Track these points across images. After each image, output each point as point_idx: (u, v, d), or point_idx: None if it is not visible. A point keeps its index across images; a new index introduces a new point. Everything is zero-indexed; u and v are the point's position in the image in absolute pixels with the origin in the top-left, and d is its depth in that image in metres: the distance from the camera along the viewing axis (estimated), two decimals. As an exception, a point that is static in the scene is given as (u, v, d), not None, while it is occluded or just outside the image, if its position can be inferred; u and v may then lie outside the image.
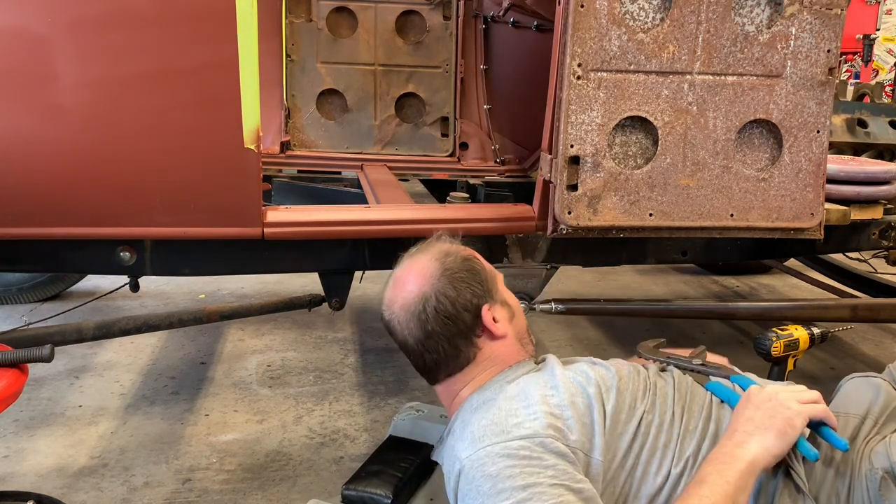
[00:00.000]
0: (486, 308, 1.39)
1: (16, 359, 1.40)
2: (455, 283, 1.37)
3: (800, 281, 3.36)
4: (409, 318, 1.37)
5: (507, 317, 1.44)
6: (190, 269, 1.95)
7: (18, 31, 1.58)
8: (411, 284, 1.38)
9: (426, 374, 1.45)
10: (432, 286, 1.37)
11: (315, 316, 3.15)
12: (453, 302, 1.36)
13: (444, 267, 1.39)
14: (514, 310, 1.47)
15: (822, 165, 1.81)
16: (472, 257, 1.45)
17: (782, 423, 1.20)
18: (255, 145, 1.70)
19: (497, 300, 1.43)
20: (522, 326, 1.49)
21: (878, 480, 1.22)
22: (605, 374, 1.35)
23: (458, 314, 1.36)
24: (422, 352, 1.39)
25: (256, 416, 2.38)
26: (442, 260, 1.40)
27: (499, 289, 1.46)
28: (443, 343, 1.37)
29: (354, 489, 1.52)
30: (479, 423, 1.24)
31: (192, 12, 1.62)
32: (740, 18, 1.72)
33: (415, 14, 3.31)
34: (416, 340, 1.38)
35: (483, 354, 1.39)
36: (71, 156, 1.65)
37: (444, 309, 1.36)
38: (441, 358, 1.39)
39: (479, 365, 1.40)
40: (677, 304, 2.54)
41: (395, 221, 1.95)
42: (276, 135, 3.23)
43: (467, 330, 1.37)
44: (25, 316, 3.13)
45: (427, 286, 1.37)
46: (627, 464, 1.25)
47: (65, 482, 1.99)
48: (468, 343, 1.38)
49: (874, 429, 1.32)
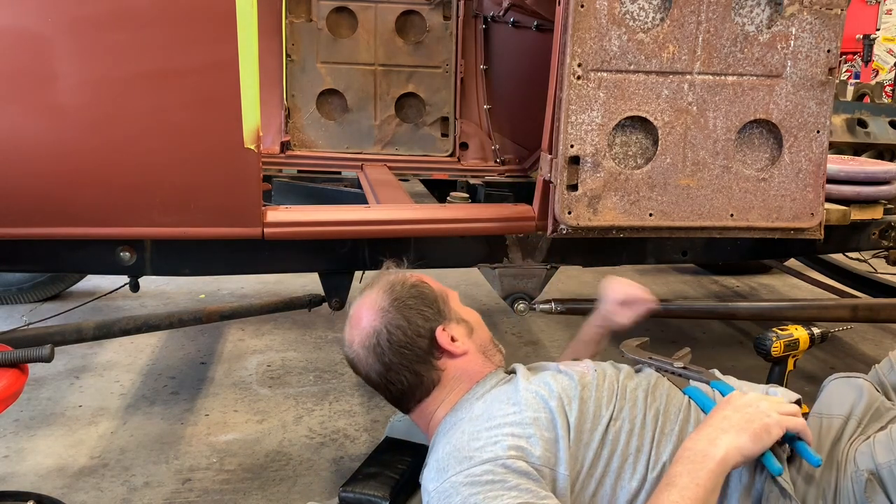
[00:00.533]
0: (439, 330, 1.42)
1: (16, 359, 1.40)
2: (404, 311, 1.41)
3: (800, 281, 3.36)
4: (367, 354, 1.42)
5: (466, 333, 1.46)
6: (190, 269, 1.95)
7: (18, 31, 1.58)
8: (364, 321, 1.43)
9: (397, 405, 1.49)
10: (383, 319, 1.41)
11: (315, 316, 3.15)
12: (405, 330, 1.40)
13: (391, 297, 1.43)
14: (472, 324, 1.49)
15: (822, 165, 1.81)
16: (419, 283, 1.48)
17: (759, 427, 1.19)
18: (255, 145, 1.70)
19: (451, 318, 1.46)
20: (485, 338, 1.51)
21: (864, 482, 1.22)
22: (567, 383, 1.35)
23: (412, 341, 1.40)
24: (386, 384, 1.43)
25: (256, 416, 2.38)
26: (389, 291, 1.44)
27: (452, 307, 1.48)
28: (404, 372, 1.40)
29: (352, 491, 1.52)
30: (443, 451, 1.26)
31: (192, 12, 1.62)
32: (740, 18, 1.72)
33: (415, 14, 3.31)
34: (378, 374, 1.42)
35: (448, 375, 1.42)
36: (71, 156, 1.65)
37: (398, 339, 1.39)
38: (406, 387, 1.42)
39: (447, 386, 1.42)
40: (677, 304, 2.54)
41: (395, 221, 1.95)
42: (276, 135, 3.23)
43: (425, 354, 1.41)
44: (25, 316, 3.13)
45: (378, 320, 1.41)
46: (597, 472, 1.26)
47: (65, 482, 1.99)
48: (429, 367, 1.41)
49: (858, 429, 1.32)
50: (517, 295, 2.06)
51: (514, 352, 2.95)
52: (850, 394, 1.38)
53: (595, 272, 4.08)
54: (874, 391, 1.40)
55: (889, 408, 1.37)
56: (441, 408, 1.41)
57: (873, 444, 1.25)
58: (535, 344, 3.03)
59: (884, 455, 1.22)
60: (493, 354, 1.50)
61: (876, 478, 1.21)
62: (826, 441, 1.31)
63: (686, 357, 1.55)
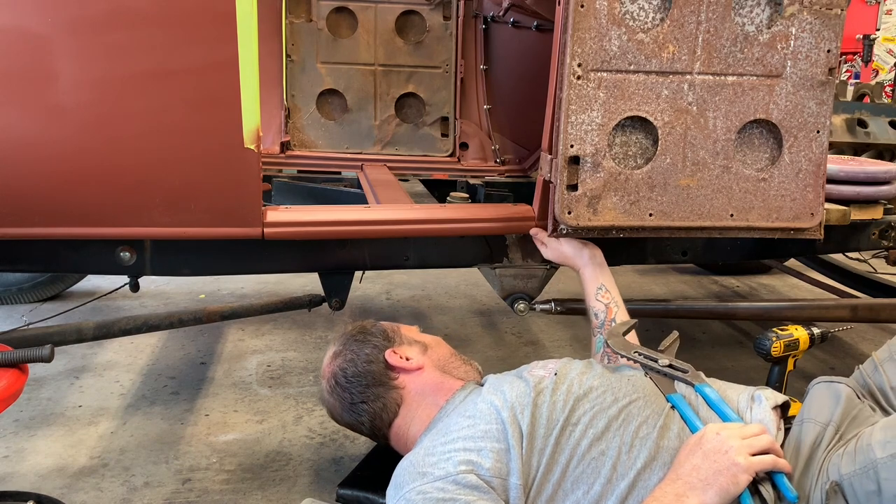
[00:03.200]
0: (389, 352, 1.52)
1: (16, 359, 1.40)
2: (350, 351, 1.54)
3: (800, 281, 3.36)
4: (333, 397, 1.54)
5: (419, 351, 1.56)
6: (190, 269, 1.95)
7: (18, 31, 1.57)
8: (325, 372, 1.57)
9: (375, 438, 1.57)
10: (336, 363, 1.55)
11: (315, 316, 3.15)
12: (356, 362, 1.52)
13: (341, 343, 1.58)
14: (427, 344, 1.59)
15: (822, 165, 1.81)
16: (367, 322, 1.62)
17: (726, 480, 1.16)
18: (255, 145, 1.70)
19: (402, 342, 1.57)
20: (443, 354, 1.59)
21: (826, 492, 1.20)
22: (522, 390, 1.39)
23: (365, 370, 1.51)
24: (358, 420, 1.52)
25: (256, 416, 2.38)
26: (340, 338, 1.59)
27: (402, 334, 1.60)
28: (367, 401, 1.49)
29: (349, 490, 1.53)
30: (401, 466, 1.31)
31: (192, 12, 1.62)
32: (740, 18, 1.72)
33: (415, 14, 3.31)
34: (347, 411, 1.52)
35: (409, 392, 1.50)
36: (71, 156, 1.65)
37: (352, 372, 1.51)
38: (374, 414, 1.50)
39: (412, 403, 1.49)
40: (677, 304, 2.54)
41: (395, 221, 1.95)
42: (276, 135, 3.23)
43: (380, 377, 1.50)
44: (25, 316, 3.13)
45: (333, 365, 1.55)
46: (553, 476, 1.27)
47: (65, 482, 1.99)
48: (388, 388, 1.49)
49: (836, 436, 1.29)
50: (517, 295, 2.06)
51: (514, 352, 2.96)
52: (829, 400, 1.35)
53: (595, 272, 4.08)
54: (854, 397, 1.36)
55: (869, 414, 1.34)
56: (413, 425, 1.47)
57: (843, 454, 1.24)
58: (534, 344, 3.03)
59: (847, 466, 1.20)
60: (457, 368, 1.57)
61: (839, 489, 1.19)
62: (804, 448, 1.29)
63: (673, 345, 1.54)
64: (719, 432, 1.23)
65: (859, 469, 1.19)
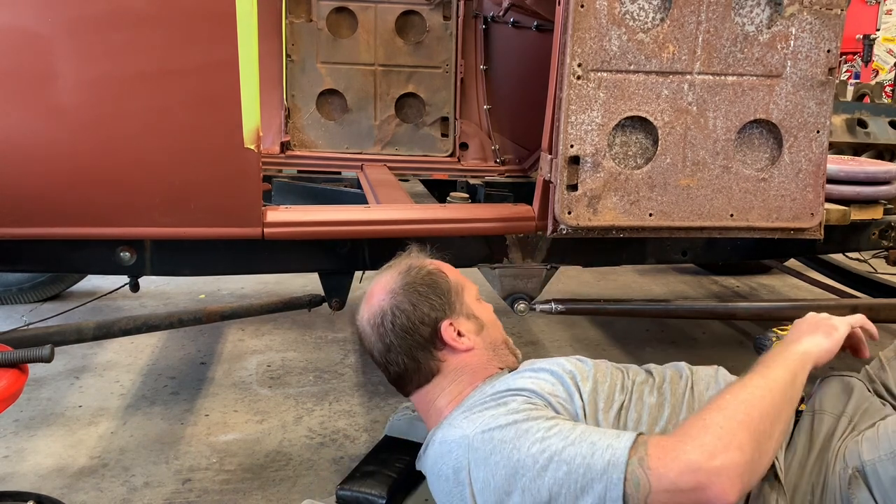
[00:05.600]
0: (445, 323, 1.41)
1: (16, 359, 1.40)
2: (412, 296, 1.41)
3: (800, 281, 3.36)
4: (372, 332, 1.43)
5: (474, 329, 1.45)
6: (190, 269, 1.95)
7: (18, 30, 1.57)
8: (375, 299, 1.45)
9: (396, 386, 1.49)
10: (391, 301, 1.42)
11: (315, 316, 3.15)
12: (409, 315, 1.40)
13: (404, 281, 1.43)
14: (484, 322, 1.48)
15: (822, 165, 1.81)
16: (436, 271, 1.47)
17: (826, 327, 1.35)
18: (255, 145, 1.70)
19: (461, 313, 1.45)
20: (496, 339, 1.50)
21: (848, 478, 1.22)
22: (581, 366, 1.37)
23: (414, 327, 1.40)
24: (385, 364, 1.44)
25: (256, 416, 2.38)
26: (404, 274, 1.45)
27: (465, 302, 1.47)
28: (402, 356, 1.41)
29: (349, 489, 1.52)
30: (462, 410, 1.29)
31: (192, 12, 1.62)
32: (740, 18, 1.72)
33: (415, 14, 3.31)
34: (379, 353, 1.43)
35: (449, 366, 1.41)
36: (71, 156, 1.65)
37: (401, 323, 1.40)
38: (403, 370, 1.42)
39: (448, 376, 1.41)
40: (677, 304, 2.54)
41: (395, 221, 1.95)
42: (276, 135, 3.23)
43: (426, 343, 1.40)
44: (25, 316, 3.13)
45: (386, 300, 1.42)
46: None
47: (65, 482, 1.99)
48: (428, 356, 1.41)
49: (849, 427, 1.32)
50: (517, 295, 2.06)
51: (514, 352, 2.95)
52: (842, 392, 1.40)
53: (595, 272, 4.09)
54: (865, 390, 1.41)
55: (880, 407, 1.38)
56: (443, 397, 1.40)
57: (861, 441, 1.26)
58: (535, 344, 3.03)
59: (869, 452, 1.22)
60: (505, 355, 1.49)
61: (861, 474, 1.21)
62: (818, 438, 1.31)
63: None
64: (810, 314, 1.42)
65: (884, 455, 1.20)
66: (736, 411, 1.08)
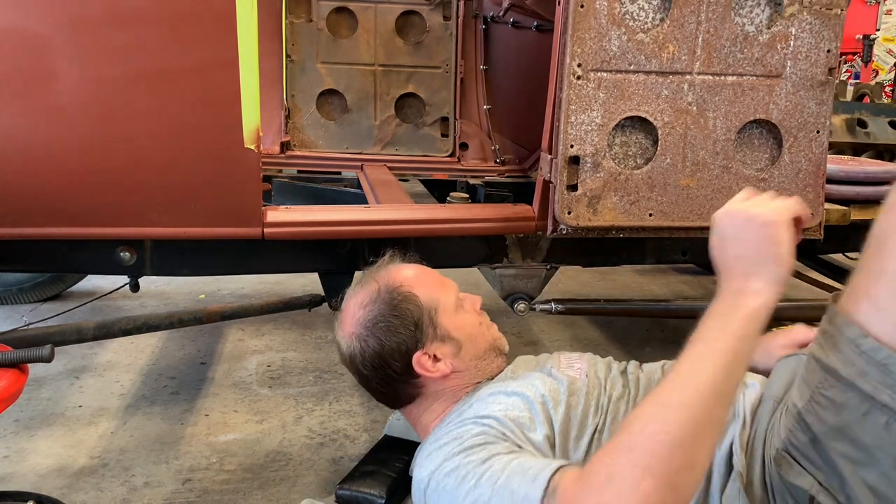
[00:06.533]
0: (418, 354, 1.35)
1: (16, 359, 1.40)
2: (380, 333, 1.35)
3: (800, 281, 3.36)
4: (347, 359, 1.41)
5: (451, 353, 1.37)
6: (190, 269, 1.95)
7: (18, 31, 1.58)
8: (347, 328, 1.40)
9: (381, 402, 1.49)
10: (359, 338, 1.37)
11: (315, 316, 3.14)
12: (379, 353, 1.36)
13: (371, 315, 1.36)
14: (461, 341, 1.39)
15: (822, 165, 1.82)
16: (407, 294, 1.37)
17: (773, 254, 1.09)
18: (255, 145, 1.70)
19: (435, 338, 1.37)
20: (479, 349, 1.42)
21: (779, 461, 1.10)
22: (555, 387, 1.31)
23: (386, 363, 1.36)
24: (367, 389, 1.44)
25: (256, 416, 2.38)
26: (371, 305, 1.37)
27: (439, 324, 1.37)
28: (381, 385, 1.39)
29: (348, 489, 1.52)
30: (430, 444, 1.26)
31: (192, 12, 1.62)
32: (740, 18, 1.72)
33: (415, 14, 3.32)
34: (359, 380, 1.42)
35: (428, 390, 1.39)
36: (71, 156, 1.65)
37: (371, 360, 1.36)
38: (383, 397, 1.43)
39: (430, 398, 1.40)
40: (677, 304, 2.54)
41: (395, 221, 1.95)
42: (276, 135, 3.23)
43: (400, 375, 1.37)
44: (25, 316, 3.13)
45: (355, 337, 1.38)
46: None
47: (65, 482, 1.99)
48: (405, 385, 1.38)
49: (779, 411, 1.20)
50: (517, 295, 2.06)
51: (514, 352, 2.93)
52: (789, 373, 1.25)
53: (595, 272, 4.09)
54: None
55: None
56: (427, 415, 1.41)
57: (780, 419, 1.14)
58: (535, 344, 3.03)
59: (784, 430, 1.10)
60: (489, 363, 1.44)
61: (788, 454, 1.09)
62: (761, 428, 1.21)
63: None
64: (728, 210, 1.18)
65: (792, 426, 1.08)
66: (643, 451, 0.91)
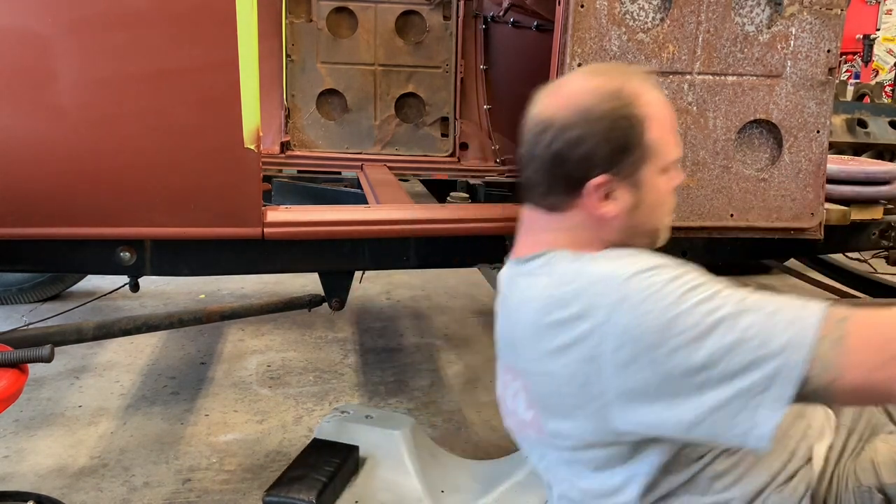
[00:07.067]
0: (598, 179, 1.14)
1: (16, 359, 1.40)
2: (588, 128, 1.14)
3: (800, 281, 3.36)
4: (531, 131, 1.20)
5: (628, 204, 1.17)
6: (190, 269, 1.95)
7: (18, 31, 1.58)
8: (558, 100, 1.19)
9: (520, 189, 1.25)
10: (564, 117, 1.15)
11: (315, 316, 3.15)
12: (570, 147, 1.14)
13: (592, 104, 1.15)
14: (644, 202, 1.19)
15: (822, 165, 1.81)
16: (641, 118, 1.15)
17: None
18: (255, 145, 1.70)
19: (627, 178, 1.16)
20: (648, 224, 1.23)
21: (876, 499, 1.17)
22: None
23: (566, 161, 1.15)
24: (522, 165, 1.22)
25: (256, 416, 2.38)
26: (605, 98, 1.15)
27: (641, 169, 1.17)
28: (540, 173, 1.19)
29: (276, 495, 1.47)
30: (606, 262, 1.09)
31: (192, 12, 1.62)
32: (740, 18, 1.72)
33: (415, 14, 3.31)
34: (524, 152, 1.21)
35: (576, 215, 1.18)
36: (71, 156, 1.65)
37: (558, 147, 1.15)
38: (532, 183, 1.20)
39: (569, 220, 1.19)
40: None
41: (395, 221, 1.95)
42: (276, 135, 3.23)
43: (567, 180, 1.16)
44: (25, 316, 3.13)
45: (560, 113, 1.16)
46: None
47: (65, 482, 1.99)
48: (563, 193, 1.18)
49: (859, 444, 1.28)
50: (517, 295, 2.06)
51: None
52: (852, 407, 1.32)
53: (595, 272, 4.08)
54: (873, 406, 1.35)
55: (885, 422, 1.34)
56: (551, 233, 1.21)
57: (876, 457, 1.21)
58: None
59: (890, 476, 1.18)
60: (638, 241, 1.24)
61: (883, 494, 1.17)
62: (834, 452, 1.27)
63: None
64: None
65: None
66: None
